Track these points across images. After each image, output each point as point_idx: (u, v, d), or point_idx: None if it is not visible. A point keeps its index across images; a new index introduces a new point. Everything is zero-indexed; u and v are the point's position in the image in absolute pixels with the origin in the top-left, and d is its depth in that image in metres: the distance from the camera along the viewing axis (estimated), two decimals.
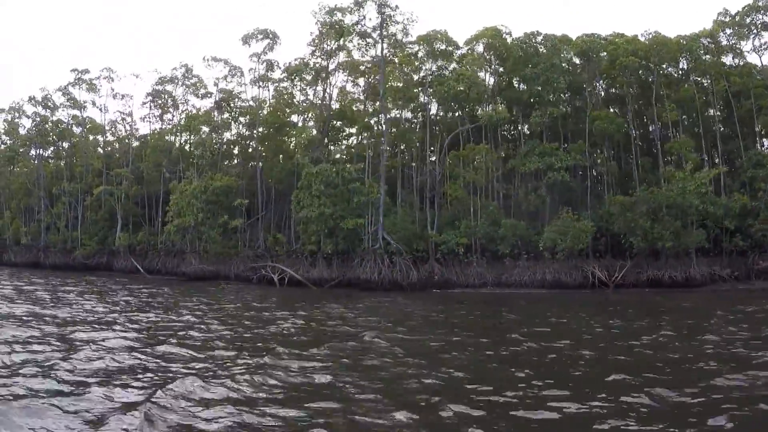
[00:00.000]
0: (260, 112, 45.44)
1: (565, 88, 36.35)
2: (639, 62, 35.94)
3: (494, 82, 40.09)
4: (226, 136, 49.36)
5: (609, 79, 39.75)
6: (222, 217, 41.17)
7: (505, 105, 37.90)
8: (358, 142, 45.62)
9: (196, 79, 49.56)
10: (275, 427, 8.27)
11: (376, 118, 43.01)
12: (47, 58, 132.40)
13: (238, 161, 50.71)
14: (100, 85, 52.27)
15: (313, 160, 37.69)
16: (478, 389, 10.44)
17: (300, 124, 46.18)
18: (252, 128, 46.94)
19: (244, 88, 47.84)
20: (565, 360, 13.35)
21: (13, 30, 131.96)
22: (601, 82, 40.73)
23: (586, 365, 12.79)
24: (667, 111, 35.06)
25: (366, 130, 42.05)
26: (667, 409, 9.23)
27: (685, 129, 38.93)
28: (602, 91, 41.83)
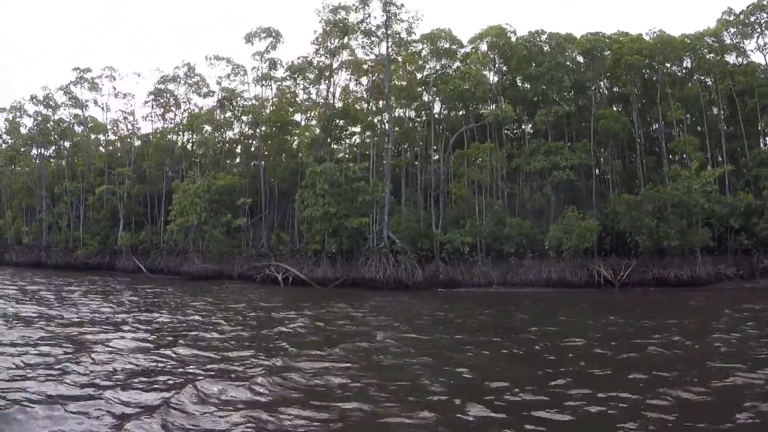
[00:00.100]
0: (263, 110, 45.30)
1: (570, 87, 36.21)
2: (644, 61, 35.88)
3: (498, 81, 39.98)
4: (229, 135, 49.22)
5: (613, 78, 39.69)
6: (225, 216, 40.99)
7: (508, 104, 37.74)
8: (362, 141, 45.52)
9: (199, 78, 49.44)
10: (297, 429, 8.21)
11: (380, 117, 42.95)
12: (47, 58, 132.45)
13: (241, 160, 50.59)
14: (102, 84, 52.16)
15: (317, 159, 37.57)
16: (496, 389, 10.39)
17: (303, 123, 46.06)
18: (255, 127, 46.80)
19: (246, 87, 47.78)
20: (579, 359, 13.29)
21: (13, 30, 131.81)
22: (605, 81, 40.64)
23: (602, 364, 12.72)
24: (672, 110, 35.00)
25: (369, 129, 41.94)
26: (688, 408, 9.19)
27: (689, 128, 38.88)
28: (605, 90, 41.80)
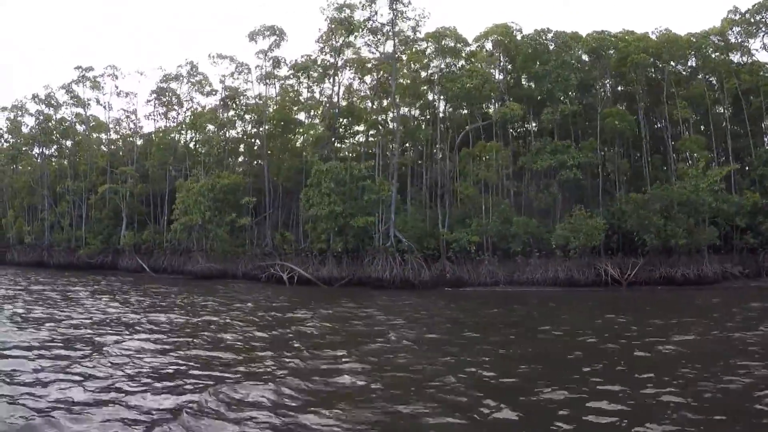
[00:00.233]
0: (267, 109, 45.14)
1: (576, 86, 36.14)
2: (650, 60, 35.82)
3: (503, 80, 39.86)
4: (232, 133, 49.03)
5: (618, 77, 39.60)
6: (229, 215, 40.85)
7: (513, 103, 37.62)
8: (365, 140, 45.40)
9: (201, 77, 49.25)
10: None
11: (384, 116, 42.83)
12: (47, 58, 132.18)
13: (244, 159, 50.44)
14: (104, 83, 52.02)
15: (322, 158, 37.45)
16: (520, 389, 10.35)
17: (307, 122, 45.89)
18: (258, 126, 46.65)
19: (249, 86, 47.63)
20: (599, 357, 13.24)
21: (13, 30, 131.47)
22: (610, 80, 40.55)
23: (619, 363, 12.68)
24: (678, 108, 34.95)
25: (374, 128, 41.82)
26: (712, 406, 9.15)
27: (693, 127, 38.83)
28: (610, 89, 41.66)
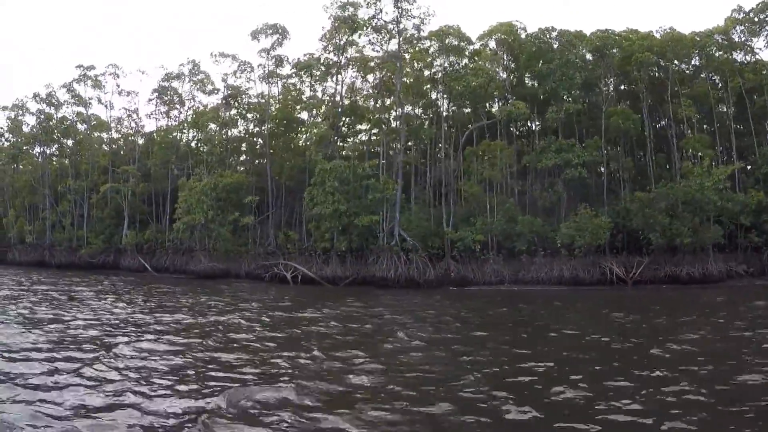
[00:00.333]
0: (269, 108, 45.00)
1: (580, 85, 36.09)
2: (654, 58, 35.79)
3: (506, 78, 39.78)
4: (234, 132, 48.88)
5: (621, 76, 39.55)
6: (232, 214, 40.74)
7: (518, 101, 37.55)
8: (368, 138, 45.29)
9: (203, 76, 49.08)
10: None
11: (387, 115, 42.71)
12: (47, 58, 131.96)
13: (246, 158, 50.30)
14: (105, 82, 51.80)
15: (325, 157, 37.36)
16: (534, 388, 10.31)
17: (309, 121, 45.75)
18: (261, 125, 46.51)
19: (252, 84, 47.44)
20: (611, 357, 13.20)
21: (13, 30, 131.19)
22: (613, 79, 40.49)
23: (634, 362, 12.62)
24: (683, 107, 34.94)
25: (377, 126, 41.71)
26: (733, 402, 9.10)
27: (697, 125, 38.82)
28: (613, 88, 41.60)
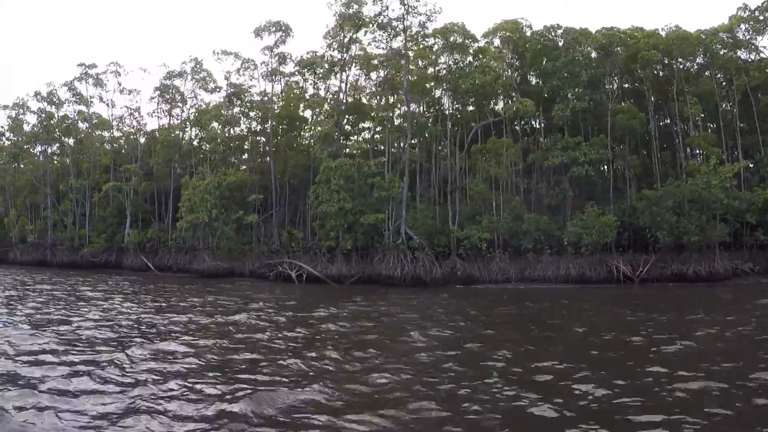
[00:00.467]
0: (272, 106, 44.80)
1: (587, 82, 36.03)
2: (659, 56, 35.74)
3: (511, 76, 39.67)
4: (236, 130, 48.70)
5: (627, 74, 39.48)
6: (236, 213, 40.58)
7: (525, 99, 37.44)
8: (371, 136, 45.19)
9: (206, 74, 48.89)
10: None
11: (390, 112, 42.55)
12: (47, 58, 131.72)
13: (248, 157, 50.12)
14: (107, 80, 51.69)
15: (330, 155, 37.24)
16: (554, 386, 10.24)
17: (312, 119, 45.65)
18: (264, 123, 46.33)
19: (255, 83, 47.26)
20: (627, 355, 13.15)
21: (13, 30, 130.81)
22: (618, 77, 40.42)
23: (650, 359, 12.56)
24: (689, 105, 34.90)
25: (382, 124, 41.59)
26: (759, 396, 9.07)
27: (702, 124, 38.78)
28: (617, 86, 41.53)
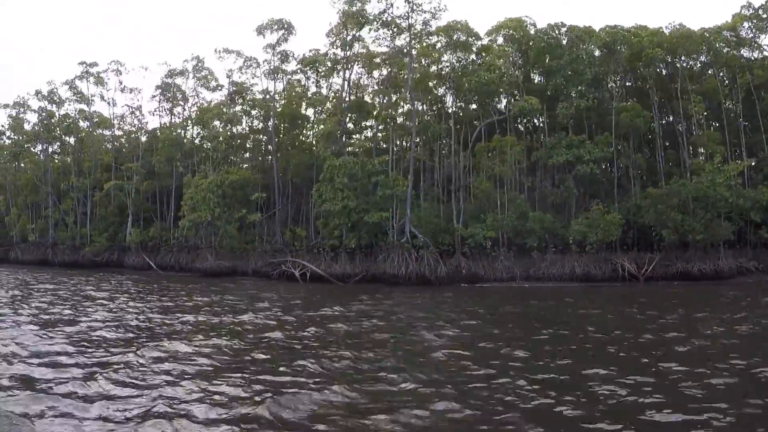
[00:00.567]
0: (274, 104, 44.63)
1: (591, 80, 35.94)
2: (664, 54, 35.67)
3: (516, 74, 39.54)
4: (238, 129, 48.54)
5: (630, 72, 39.39)
6: (239, 211, 40.45)
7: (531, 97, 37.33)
8: (373, 135, 45.04)
9: (207, 72, 48.70)
10: None
11: (393, 111, 42.40)
12: (47, 58, 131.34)
13: (250, 155, 49.96)
14: (108, 79, 51.42)
15: (334, 153, 37.12)
16: (573, 385, 10.22)
17: (314, 117, 45.48)
18: (266, 121, 46.17)
19: (256, 81, 47.08)
20: (644, 353, 13.10)
21: (13, 30, 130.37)
22: (621, 75, 40.32)
23: (667, 357, 12.55)
24: (693, 103, 34.85)
25: (384, 123, 41.46)
26: None
27: (705, 122, 38.73)
28: (620, 84, 41.43)
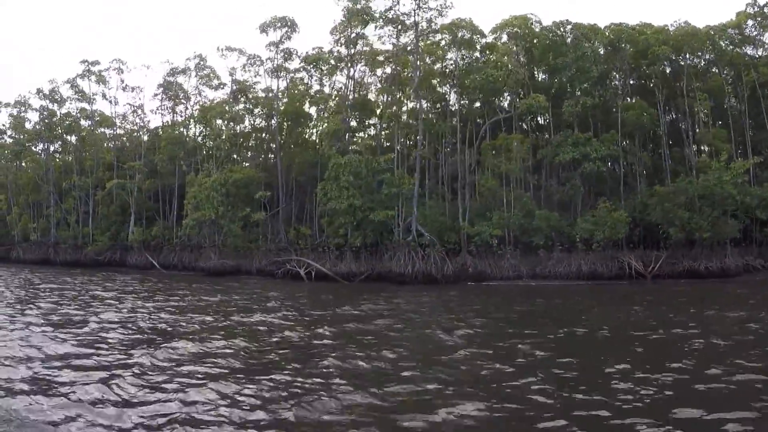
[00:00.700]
0: (277, 102, 44.48)
1: (597, 78, 35.82)
2: (670, 52, 35.58)
3: (522, 71, 39.38)
4: (242, 127, 48.35)
5: (635, 70, 39.26)
6: (243, 210, 40.28)
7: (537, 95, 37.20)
8: (377, 132, 44.90)
9: (210, 70, 48.49)
10: None
11: (397, 109, 42.24)
12: (47, 58, 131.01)
13: (252, 154, 49.80)
14: (109, 77, 51.28)
15: (339, 151, 36.98)
16: (593, 383, 10.14)
17: (317, 115, 45.33)
18: (269, 119, 46.00)
19: (259, 79, 46.92)
20: (658, 351, 13.06)
21: (13, 30, 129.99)
22: (626, 73, 40.18)
23: (684, 354, 12.50)
24: (698, 101, 34.77)
25: (388, 121, 41.29)
26: None
27: (711, 120, 38.64)
28: (624, 82, 41.30)
